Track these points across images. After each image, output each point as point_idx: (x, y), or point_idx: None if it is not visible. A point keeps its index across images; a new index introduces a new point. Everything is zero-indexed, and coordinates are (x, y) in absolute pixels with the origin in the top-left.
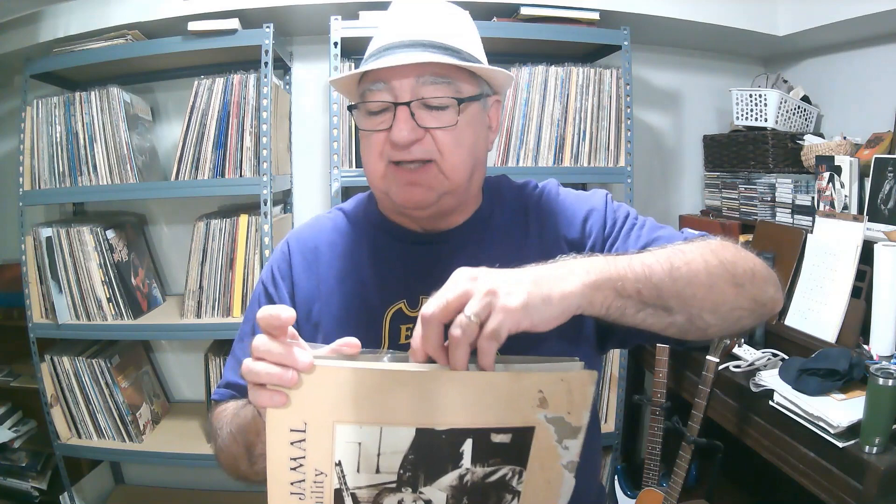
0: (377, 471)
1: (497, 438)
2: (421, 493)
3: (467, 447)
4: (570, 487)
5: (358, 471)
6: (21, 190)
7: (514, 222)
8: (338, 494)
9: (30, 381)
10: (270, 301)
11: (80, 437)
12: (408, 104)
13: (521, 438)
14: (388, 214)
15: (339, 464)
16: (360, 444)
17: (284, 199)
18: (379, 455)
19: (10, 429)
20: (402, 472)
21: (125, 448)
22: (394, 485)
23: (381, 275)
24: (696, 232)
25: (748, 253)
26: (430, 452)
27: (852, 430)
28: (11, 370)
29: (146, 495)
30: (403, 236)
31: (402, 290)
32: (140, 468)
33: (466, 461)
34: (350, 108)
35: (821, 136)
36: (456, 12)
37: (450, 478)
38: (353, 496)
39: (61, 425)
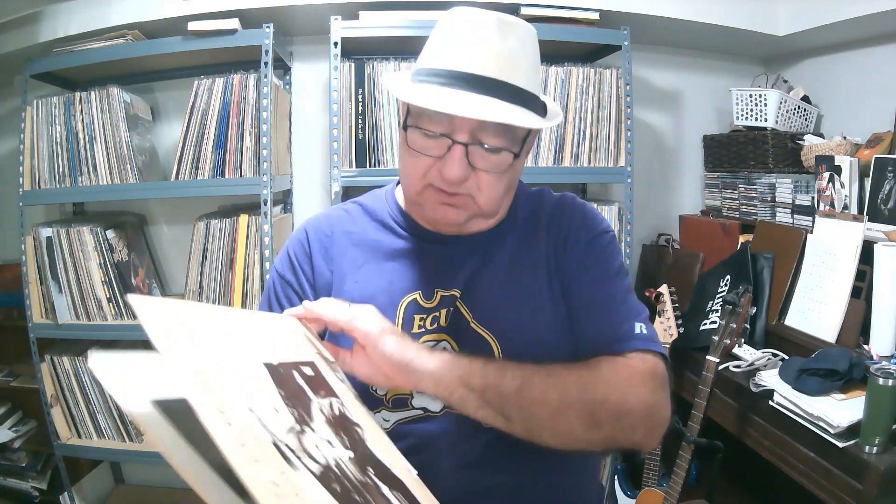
0: (276, 410)
1: (307, 371)
2: (314, 430)
3: (300, 379)
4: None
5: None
6: (21, 190)
7: (528, 230)
8: (277, 449)
9: (30, 381)
10: (287, 287)
11: (80, 437)
12: (466, 144)
13: (316, 371)
14: (410, 211)
15: (252, 410)
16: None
17: (284, 199)
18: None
19: (10, 429)
20: (290, 408)
21: (125, 448)
22: (298, 426)
23: (398, 266)
24: (642, 329)
25: (639, 392)
26: (288, 387)
27: (852, 430)
28: (11, 370)
29: (146, 495)
30: (422, 233)
31: (418, 282)
32: (140, 468)
33: (310, 393)
34: (404, 126)
35: (821, 136)
36: (524, 35)
37: (316, 412)
38: (288, 447)
39: (61, 425)
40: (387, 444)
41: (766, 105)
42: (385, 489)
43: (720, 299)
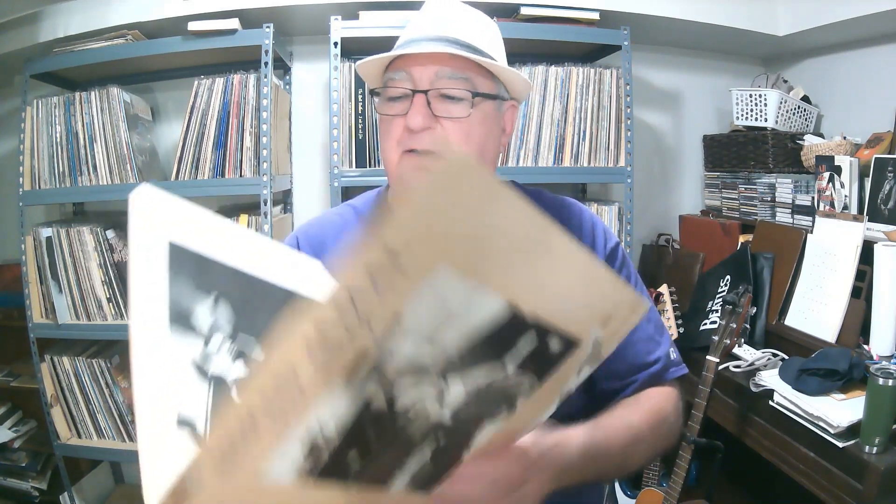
0: (431, 341)
1: (553, 344)
2: (445, 380)
3: (527, 342)
4: (546, 416)
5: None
6: (21, 190)
7: None
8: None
9: (30, 381)
10: None
11: (80, 437)
12: (425, 92)
13: (564, 349)
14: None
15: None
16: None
17: (284, 199)
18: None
19: (10, 429)
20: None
21: (125, 448)
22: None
23: None
24: (675, 353)
25: (680, 421)
26: (492, 333)
27: (852, 430)
28: (11, 370)
29: None
30: None
31: None
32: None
33: (512, 362)
34: (372, 92)
35: (821, 136)
36: (485, 20)
37: (481, 373)
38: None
39: (61, 425)
40: None
41: (766, 105)
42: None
43: (720, 299)
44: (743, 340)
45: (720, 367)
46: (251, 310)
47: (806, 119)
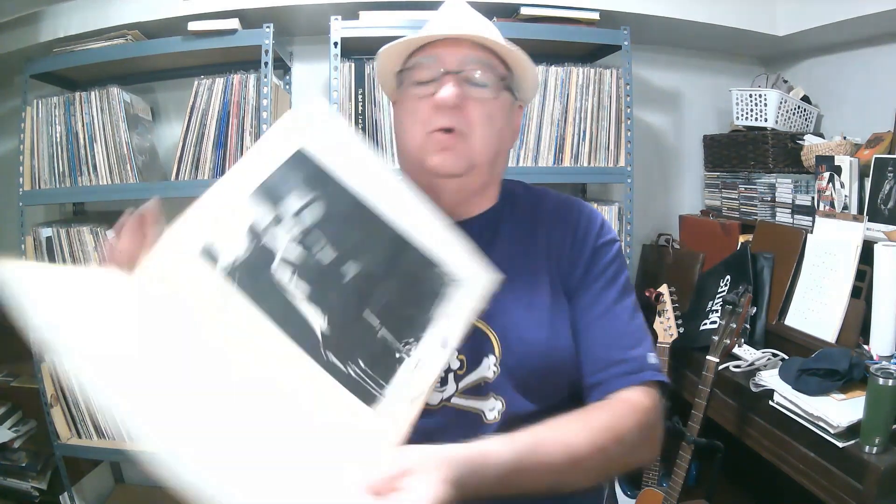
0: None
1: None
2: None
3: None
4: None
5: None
6: (21, 190)
7: (527, 223)
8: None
9: (30, 381)
10: None
11: (80, 437)
12: (455, 73)
13: None
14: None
15: None
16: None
17: None
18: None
19: (10, 429)
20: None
21: (125, 448)
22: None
23: None
24: (653, 358)
25: (655, 437)
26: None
27: (852, 430)
28: (11, 370)
29: (146, 495)
30: None
31: None
32: (140, 468)
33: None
34: (400, 72)
35: (821, 136)
36: (490, 23)
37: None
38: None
39: (61, 425)
40: None
41: (766, 105)
42: None
43: (720, 299)
44: (743, 340)
45: (720, 367)
46: (344, 224)
47: (806, 119)
